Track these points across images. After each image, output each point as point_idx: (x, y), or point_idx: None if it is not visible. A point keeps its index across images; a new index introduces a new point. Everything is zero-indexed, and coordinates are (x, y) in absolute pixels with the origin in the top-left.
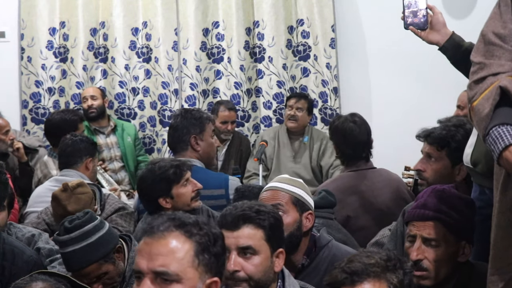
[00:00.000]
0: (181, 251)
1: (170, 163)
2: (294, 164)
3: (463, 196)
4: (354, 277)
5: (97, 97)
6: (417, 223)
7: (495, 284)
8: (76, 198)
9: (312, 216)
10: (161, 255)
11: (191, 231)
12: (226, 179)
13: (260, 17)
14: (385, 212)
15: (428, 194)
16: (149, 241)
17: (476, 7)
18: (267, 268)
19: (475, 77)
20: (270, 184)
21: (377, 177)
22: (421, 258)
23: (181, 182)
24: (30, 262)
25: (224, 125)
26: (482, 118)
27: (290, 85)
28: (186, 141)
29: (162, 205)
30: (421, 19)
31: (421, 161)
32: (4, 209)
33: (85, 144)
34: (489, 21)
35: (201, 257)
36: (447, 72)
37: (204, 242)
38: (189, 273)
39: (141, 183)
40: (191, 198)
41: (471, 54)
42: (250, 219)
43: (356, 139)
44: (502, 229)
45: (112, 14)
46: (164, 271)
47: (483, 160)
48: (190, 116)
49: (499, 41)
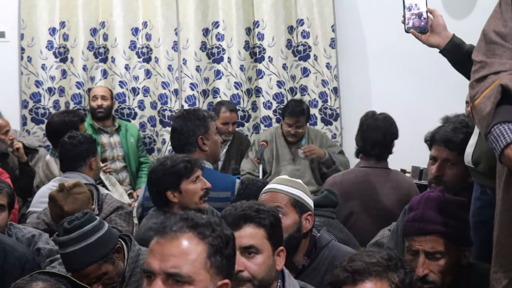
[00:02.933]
0: (194, 253)
1: (182, 158)
2: (293, 166)
3: (456, 200)
4: (355, 276)
5: (107, 97)
6: (417, 238)
7: (499, 282)
8: (73, 198)
9: (312, 217)
10: (174, 256)
11: (204, 232)
12: (233, 182)
13: (260, 17)
14: (387, 214)
15: (424, 205)
16: (162, 241)
17: (476, 7)
18: (269, 266)
19: (476, 76)
20: (269, 186)
21: (386, 178)
22: (427, 273)
23: (190, 178)
24: (22, 258)
25: (225, 126)
26: (483, 117)
27: (290, 85)
28: (194, 143)
29: (169, 199)
30: (422, 22)
31: (439, 166)
32: (4, 209)
33: (86, 145)
34: (490, 19)
35: (213, 259)
36: (447, 72)
37: (217, 244)
38: (201, 275)
39: (152, 175)
40: (199, 196)
41: (473, 53)
42: (251, 218)
43: (368, 135)
44: (505, 227)
45: (112, 14)
46: (177, 273)
47: (484, 160)
48: (193, 117)
49: (500, 39)
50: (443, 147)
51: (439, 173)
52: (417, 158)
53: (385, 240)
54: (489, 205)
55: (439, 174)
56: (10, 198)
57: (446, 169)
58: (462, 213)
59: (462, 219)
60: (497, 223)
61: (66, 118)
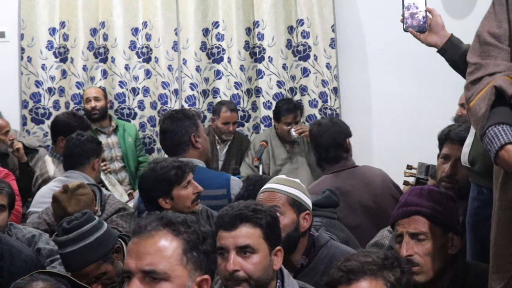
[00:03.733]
0: (169, 249)
1: (172, 163)
2: (291, 165)
3: (442, 191)
4: (350, 275)
5: (100, 98)
6: (401, 221)
7: (496, 282)
8: (77, 200)
9: (310, 216)
10: (149, 254)
11: (179, 229)
12: (227, 179)
13: (260, 17)
14: (373, 208)
15: (408, 193)
16: (137, 241)
17: (476, 7)
18: (266, 266)
19: (471, 77)
20: (267, 185)
21: (358, 175)
22: (411, 254)
23: (182, 184)
24: (28, 261)
25: (226, 126)
26: (479, 118)
27: (290, 85)
28: (187, 141)
29: (161, 205)
30: (421, 21)
31: (452, 165)
32: (5, 209)
33: (92, 145)
34: (484, 21)
35: (190, 255)
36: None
37: (193, 240)
38: (177, 271)
39: (142, 182)
40: (191, 200)
41: (467, 55)
42: (247, 218)
43: (319, 142)
44: (503, 227)
45: (112, 14)
46: (152, 270)
47: (481, 160)
48: (182, 116)
49: (495, 40)
50: (457, 145)
51: (452, 172)
52: (417, 157)
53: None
54: (485, 205)
55: (452, 173)
56: (11, 199)
57: (459, 168)
58: (449, 202)
59: (447, 206)
60: (494, 223)
61: (72, 122)
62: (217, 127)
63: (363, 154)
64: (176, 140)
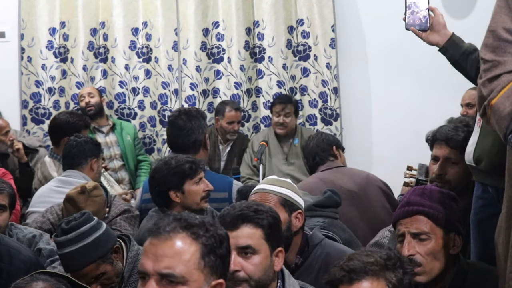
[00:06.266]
0: (187, 253)
1: (186, 158)
2: (287, 166)
3: (444, 191)
4: (352, 275)
5: (94, 94)
6: (403, 220)
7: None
8: (92, 201)
9: (302, 215)
10: (167, 257)
11: (198, 232)
12: (230, 183)
13: (260, 17)
14: (357, 193)
15: (410, 193)
16: (155, 242)
17: (476, 7)
18: (266, 267)
19: (489, 75)
20: (258, 186)
21: (343, 170)
22: (413, 253)
23: (194, 179)
24: (27, 261)
25: (230, 125)
26: (503, 117)
27: (290, 85)
28: (201, 140)
29: (172, 198)
30: (423, 20)
31: (441, 165)
32: (6, 210)
33: (90, 145)
34: (496, 16)
35: (207, 259)
36: (447, 72)
37: (211, 244)
38: (194, 275)
39: (155, 174)
40: (201, 197)
41: (480, 51)
42: (248, 218)
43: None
44: None
45: (112, 14)
46: (170, 273)
47: (486, 158)
48: (198, 114)
49: (511, 36)
50: (444, 146)
51: (442, 172)
52: (417, 158)
53: (384, 240)
54: (491, 203)
55: (442, 172)
56: (12, 199)
57: (448, 167)
58: (450, 201)
59: (449, 205)
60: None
61: (71, 119)
62: (222, 127)
63: (363, 154)
64: (193, 138)
